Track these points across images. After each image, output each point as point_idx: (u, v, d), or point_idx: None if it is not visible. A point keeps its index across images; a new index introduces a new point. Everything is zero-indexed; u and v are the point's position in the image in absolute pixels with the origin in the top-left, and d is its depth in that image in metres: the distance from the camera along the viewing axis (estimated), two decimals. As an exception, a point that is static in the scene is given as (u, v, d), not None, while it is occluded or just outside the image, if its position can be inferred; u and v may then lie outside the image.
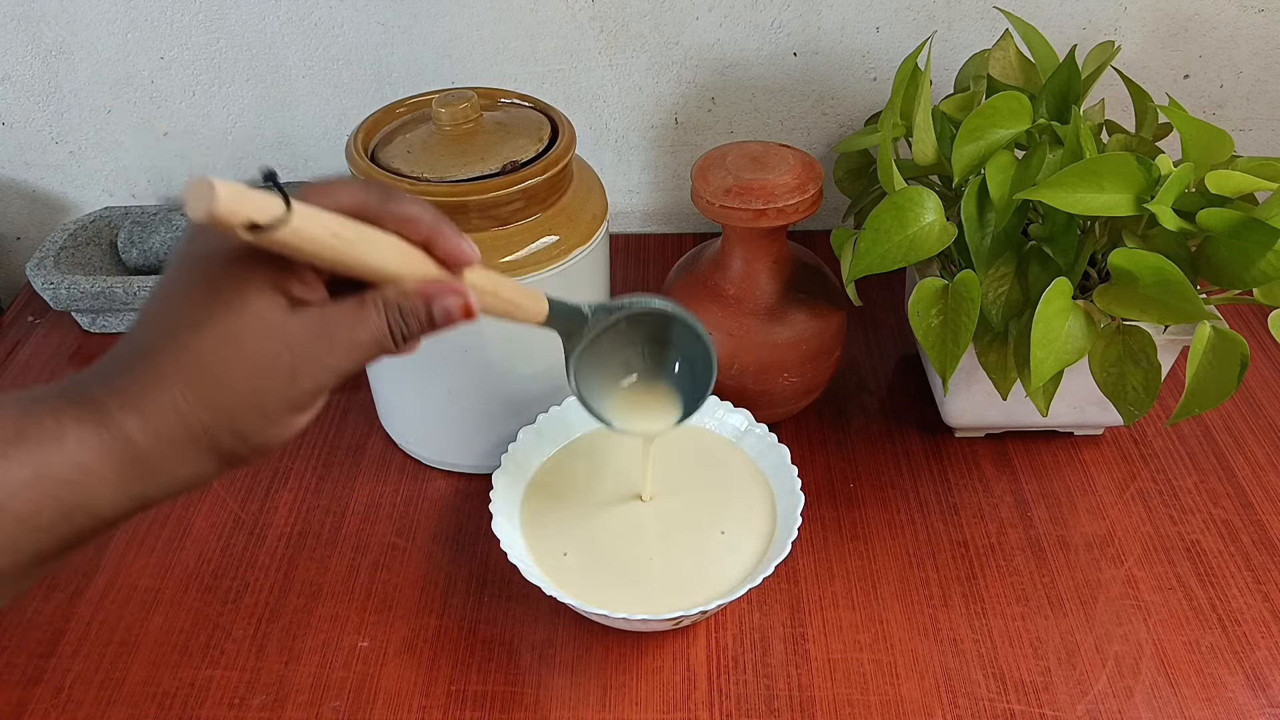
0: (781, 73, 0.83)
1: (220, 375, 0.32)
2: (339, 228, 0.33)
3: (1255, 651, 0.55)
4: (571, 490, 0.60)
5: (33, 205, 0.90)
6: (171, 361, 0.32)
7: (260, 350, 0.32)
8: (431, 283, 0.36)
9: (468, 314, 0.36)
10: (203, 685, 0.55)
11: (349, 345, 0.34)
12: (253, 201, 0.29)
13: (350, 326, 0.34)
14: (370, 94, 0.83)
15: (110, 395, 0.32)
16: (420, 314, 0.35)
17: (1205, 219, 0.52)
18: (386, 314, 0.35)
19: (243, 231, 0.29)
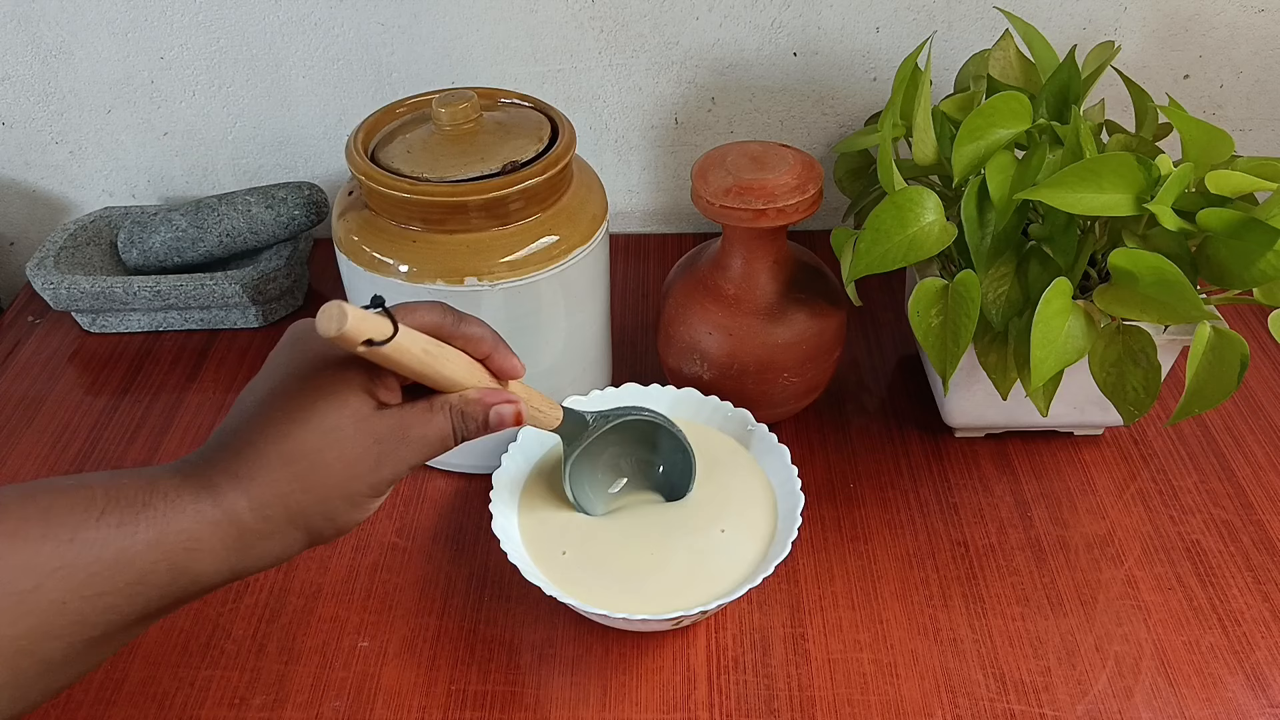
0: (781, 73, 0.83)
1: (319, 462, 0.37)
2: (429, 345, 0.39)
3: (1255, 651, 0.55)
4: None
5: (33, 205, 0.90)
6: (278, 451, 0.37)
7: (355, 443, 0.38)
8: (491, 391, 0.42)
9: (518, 421, 0.43)
10: (203, 685, 0.55)
11: (421, 442, 0.40)
12: (371, 323, 0.35)
13: (423, 425, 0.40)
14: (370, 94, 0.83)
15: (224, 478, 0.37)
16: (479, 418, 0.42)
17: (1205, 219, 0.52)
18: (452, 417, 0.41)
19: (359, 348, 0.35)
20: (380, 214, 0.58)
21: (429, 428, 0.40)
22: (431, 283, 0.56)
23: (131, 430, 0.71)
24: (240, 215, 0.77)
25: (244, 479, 0.37)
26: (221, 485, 0.37)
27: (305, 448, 0.37)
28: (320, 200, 0.78)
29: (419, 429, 0.40)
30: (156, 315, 0.79)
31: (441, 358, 0.40)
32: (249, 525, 0.37)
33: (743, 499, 0.59)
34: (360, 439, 0.38)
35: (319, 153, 0.87)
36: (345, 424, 0.38)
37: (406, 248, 0.57)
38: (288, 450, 0.37)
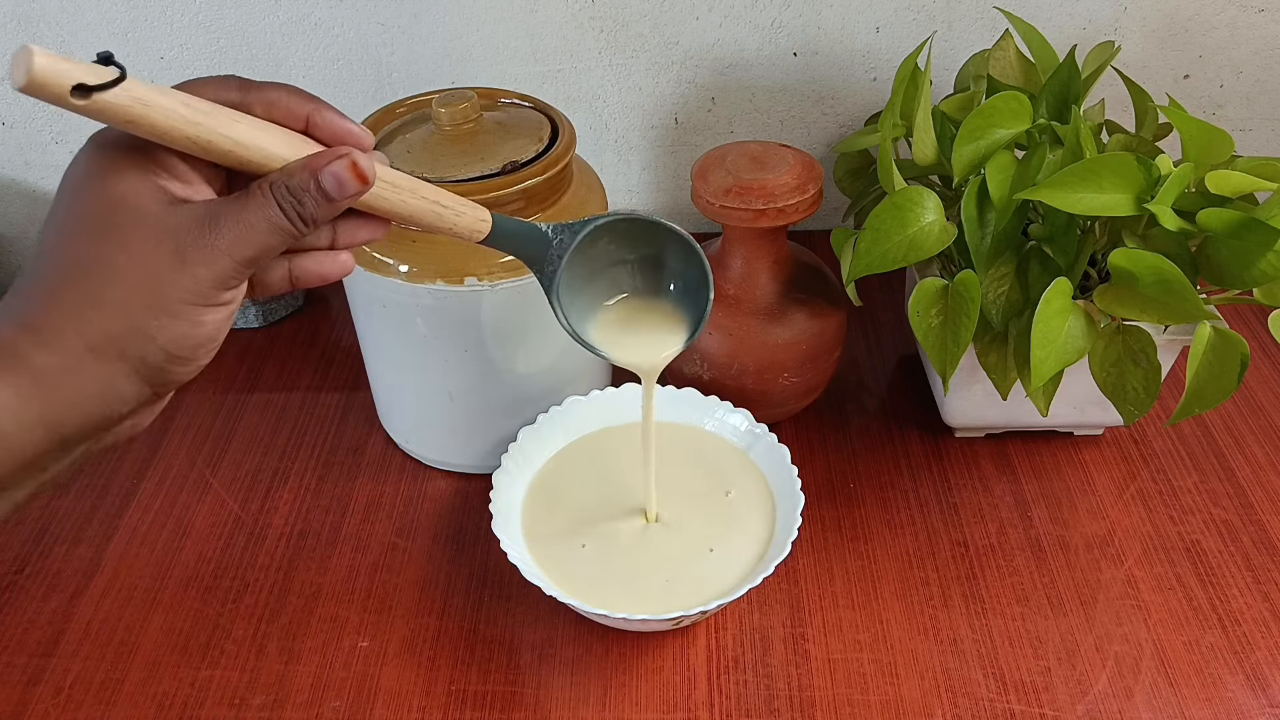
0: (781, 73, 0.83)
1: (103, 272, 0.31)
2: (192, 101, 0.32)
3: (1255, 651, 0.55)
4: (572, 490, 0.60)
5: (33, 205, 0.90)
6: (56, 270, 0.31)
7: (139, 238, 0.31)
8: (319, 152, 0.34)
9: (360, 178, 0.34)
10: (203, 685, 0.55)
11: (239, 227, 0.33)
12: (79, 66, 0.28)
13: (237, 210, 0.33)
14: (370, 94, 0.83)
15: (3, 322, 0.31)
16: (309, 186, 0.33)
17: (1205, 219, 0.52)
18: (273, 192, 0.33)
19: (73, 98, 0.28)
20: (380, 214, 0.58)
21: (245, 210, 0.33)
22: (431, 282, 0.56)
23: (131, 430, 0.71)
24: (240, 215, 0.77)
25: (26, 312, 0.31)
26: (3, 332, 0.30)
27: (84, 256, 0.31)
28: (320, 200, 0.78)
29: (233, 214, 0.33)
30: (156, 315, 0.79)
31: (222, 115, 0.32)
32: (44, 364, 0.30)
33: (742, 499, 0.59)
34: (148, 233, 0.31)
35: (319, 153, 0.87)
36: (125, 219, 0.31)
37: (406, 248, 0.57)
38: (65, 265, 0.31)
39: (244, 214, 0.33)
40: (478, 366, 0.61)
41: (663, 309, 0.51)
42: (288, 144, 0.34)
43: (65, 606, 0.59)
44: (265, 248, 0.33)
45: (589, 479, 0.61)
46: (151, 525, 0.64)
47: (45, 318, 0.30)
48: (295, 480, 0.67)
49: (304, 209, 0.33)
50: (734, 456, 0.62)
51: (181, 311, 0.32)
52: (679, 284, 0.50)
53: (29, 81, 0.27)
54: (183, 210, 0.32)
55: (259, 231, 0.33)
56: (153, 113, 0.30)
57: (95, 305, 0.31)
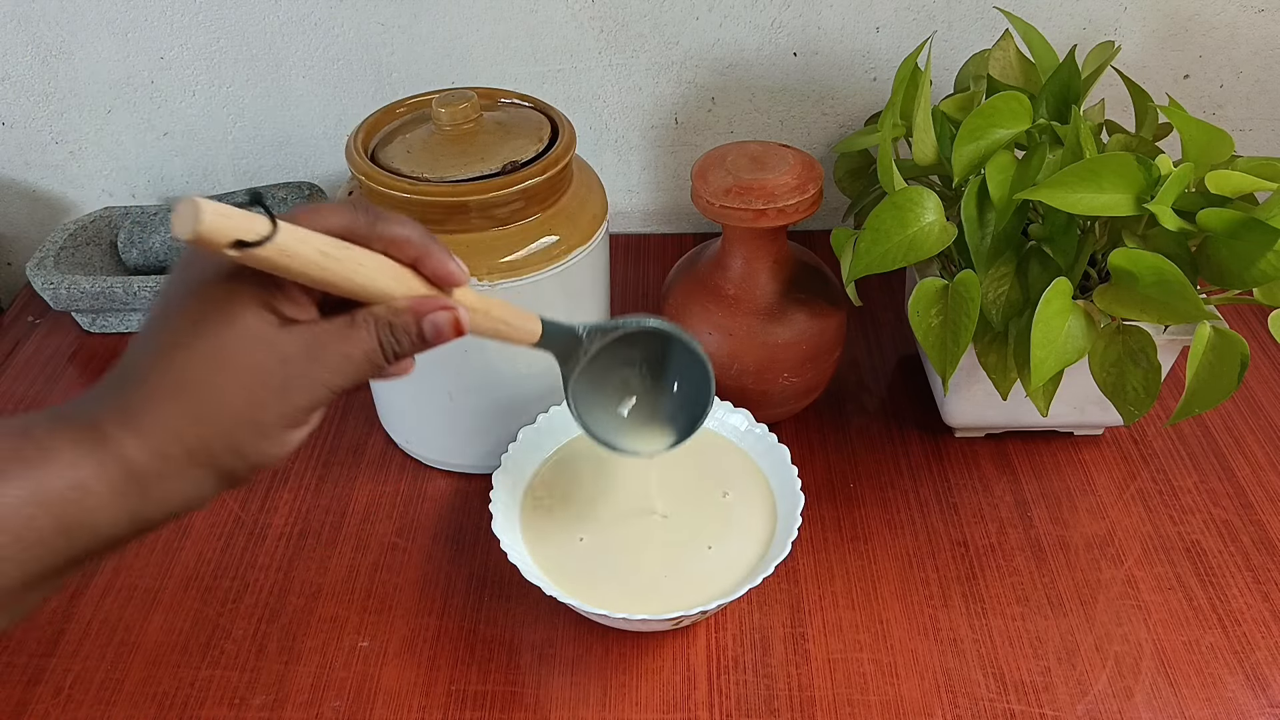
0: (781, 73, 0.83)
1: (212, 390, 0.33)
2: (326, 246, 0.34)
3: (1255, 651, 0.55)
4: (572, 490, 0.60)
5: (33, 205, 0.90)
6: (163, 378, 0.33)
7: (250, 364, 0.33)
8: (421, 299, 0.37)
9: (458, 330, 0.37)
10: (203, 685, 0.55)
11: (340, 360, 0.35)
12: (237, 220, 0.30)
13: (341, 341, 0.35)
14: (370, 94, 0.83)
15: (105, 413, 0.32)
16: (410, 330, 0.36)
17: (1205, 219, 0.52)
18: (377, 330, 0.36)
19: (229, 250, 0.30)
20: (380, 214, 0.58)
21: (348, 344, 0.35)
22: (431, 283, 0.56)
23: (131, 430, 0.71)
24: (240, 215, 0.77)
25: (129, 414, 0.32)
26: (105, 425, 0.32)
27: (194, 375, 0.33)
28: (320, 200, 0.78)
29: (336, 345, 0.35)
30: (156, 315, 0.79)
31: (350, 261, 0.34)
32: (142, 466, 0.32)
33: (743, 499, 0.59)
34: (259, 359, 0.33)
35: (319, 153, 0.87)
36: (238, 344, 0.33)
37: (406, 248, 0.57)
38: (176, 379, 0.33)
39: (346, 345, 0.35)
40: (478, 366, 0.61)
41: (664, 410, 0.55)
42: (398, 281, 0.37)
43: (65, 606, 0.59)
44: (358, 378, 0.36)
45: (589, 479, 0.61)
46: (151, 525, 0.64)
47: (150, 421, 0.32)
48: (295, 480, 0.67)
49: (400, 347, 0.36)
50: (734, 456, 0.62)
51: (274, 433, 0.34)
52: (683, 384, 0.54)
53: (195, 235, 0.29)
54: (289, 335, 0.34)
55: (356, 363, 0.35)
56: (293, 262, 0.33)
57: (199, 420, 0.33)
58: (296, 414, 0.34)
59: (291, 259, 0.32)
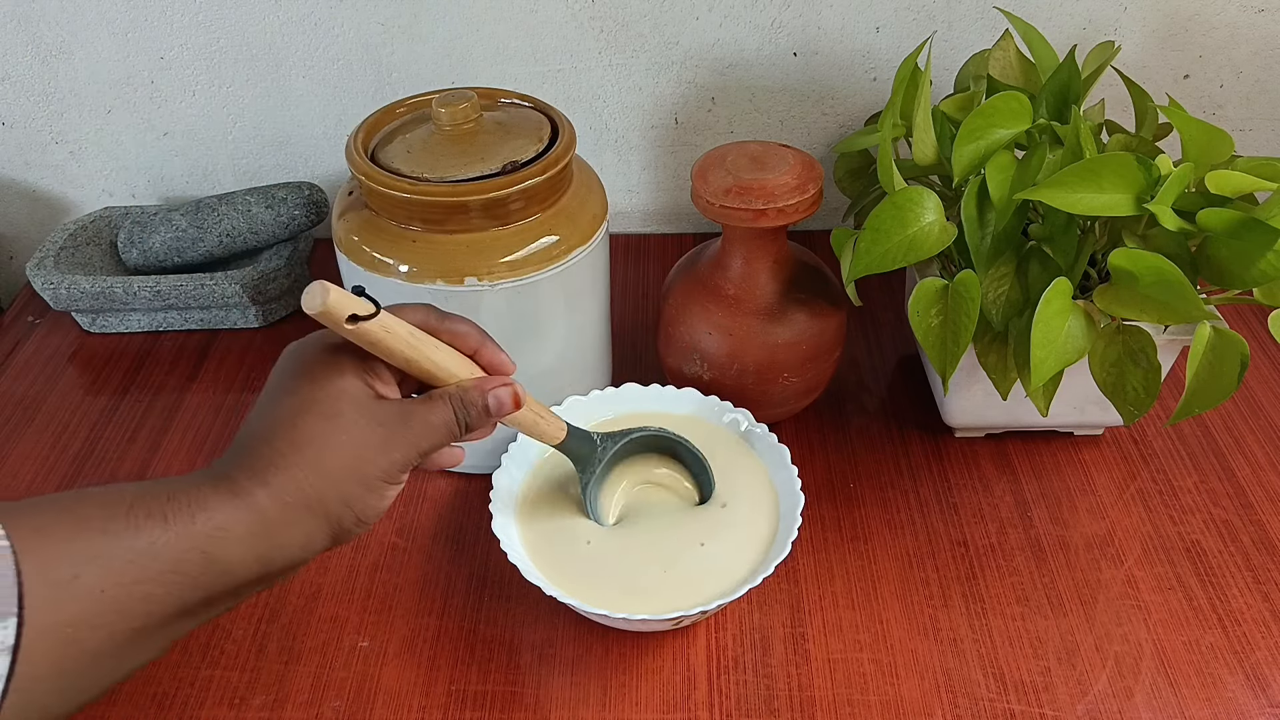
0: (781, 73, 0.83)
1: (326, 446, 0.39)
2: (414, 331, 0.42)
3: (1255, 651, 0.55)
4: (572, 489, 0.60)
5: (33, 205, 0.90)
6: (288, 440, 0.39)
7: (359, 426, 0.40)
8: (485, 378, 0.45)
9: (516, 404, 0.45)
10: (203, 685, 0.55)
11: (426, 426, 0.42)
12: (353, 301, 0.38)
13: (426, 412, 0.42)
14: (370, 94, 0.83)
15: (238, 470, 0.39)
16: (478, 403, 0.44)
17: (1205, 219, 0.52)
18: (452, 403, 0.43)
19: (345, 323, 0.38)
20: (380, 214, 0.58)
21: (432, 413, 0.42)
22: (431, 283, 0.56)
23: (131, 430, 0.71)
24: (240, 215, 0.77)
25: (260, 470, 0.39)
26: (239, 479, 0.38)
27: (312, 433, 0.39)
28: (320, 200, 0.78)
29: (422, 414, 0.42)
30: (156, 315, 0.79)
31: (429, 344, 0.42)
32: (269, 512, 0.38)
33: (743, 499, 0.59)
34: (363, 421, 0.40)
35: (319, 153, 0.87)
36: (347, 408, 0.40)
37: (406, 248, 0.57)
38: (296, 438, 0.39)
39: (430, 415, 0.42)
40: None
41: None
42: (463, 367, 0.45)
43: (65, 606, 0.59)
44: (438, 443, 0.42)
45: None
46: (151, 525, 0.64)
47: (275, 474, 0.38)
48: (295, 480, 0.67)
49: (470, 418, 0.43)
50: (734, 456, 0.62)
51: (375, 486, 0.40)
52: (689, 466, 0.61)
53: (324, 307, 0.37)
54: (387, 405, 0.42)
55: (437, 430, 0.42)
56: (390, 339, 0.40)
57: (316, 473, 0.39)
58: (393, 470, 0.41)
59: (390, 335, 0.40)
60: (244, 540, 0.38)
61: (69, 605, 0.34)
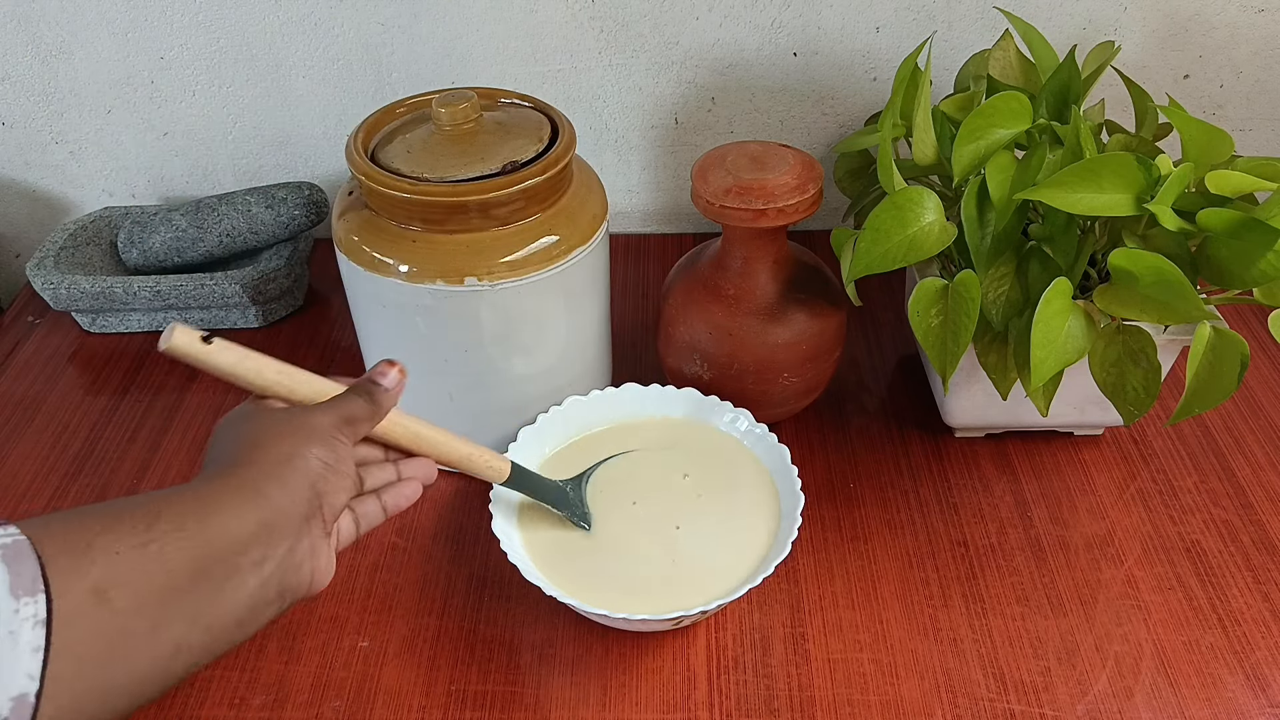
0: (781, 73, 0.83)
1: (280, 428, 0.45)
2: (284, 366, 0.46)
3: (1255, 651, 0.55)
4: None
5: (33, 205, 0.90)
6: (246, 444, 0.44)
7: (284, 414, 0.45)
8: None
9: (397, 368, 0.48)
10: (203, 685, 0.55)
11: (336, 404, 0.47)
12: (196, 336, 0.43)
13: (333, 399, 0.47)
14: (370, 94, 0.83)
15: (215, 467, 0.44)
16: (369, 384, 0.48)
17: (1205, 219, 0.52)
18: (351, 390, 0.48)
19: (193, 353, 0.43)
20: (380, 214, 0.58)
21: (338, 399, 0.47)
22: (431, 283, 0.56)
23: (131, 430, 0.71)
24: (240, 215, 0.77)
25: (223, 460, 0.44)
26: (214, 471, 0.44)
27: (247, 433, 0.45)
28: (320, 200, 0.78)
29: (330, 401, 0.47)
30: (156, 315, 0.79)
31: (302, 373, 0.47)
32: (246, 472, 0.42)
33: (743, 499, 0.59)
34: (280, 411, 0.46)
35: (319, 153, 0.87)
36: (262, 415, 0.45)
37: (406, 248, 0.57)
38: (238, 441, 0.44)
39: (338, 399, 0.47)
40: (478, 366, 0.61)
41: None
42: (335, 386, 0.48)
43: (65, 606, 0.59)
44: (356, 414, 0.46)
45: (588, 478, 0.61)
46: (151, 525, 0.64)
47: (240, 458, 0.43)
48: (295, 480, 0.67)
49: (372, 395, 0.47)
50: (734, 456, 0.62)
51: (321, 438, 0.45)
52: None
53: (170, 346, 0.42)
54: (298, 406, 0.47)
55: (353, 405, 0.47)
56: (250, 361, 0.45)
57: (269, 443, 0.44)
58: (329, 428, 0.45)
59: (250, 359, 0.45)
60: (233, 496, 0.41)
61: (90, 569, 0.36)
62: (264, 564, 0.41)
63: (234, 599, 0.40)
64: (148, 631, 0.37)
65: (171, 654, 0.38)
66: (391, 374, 0.48)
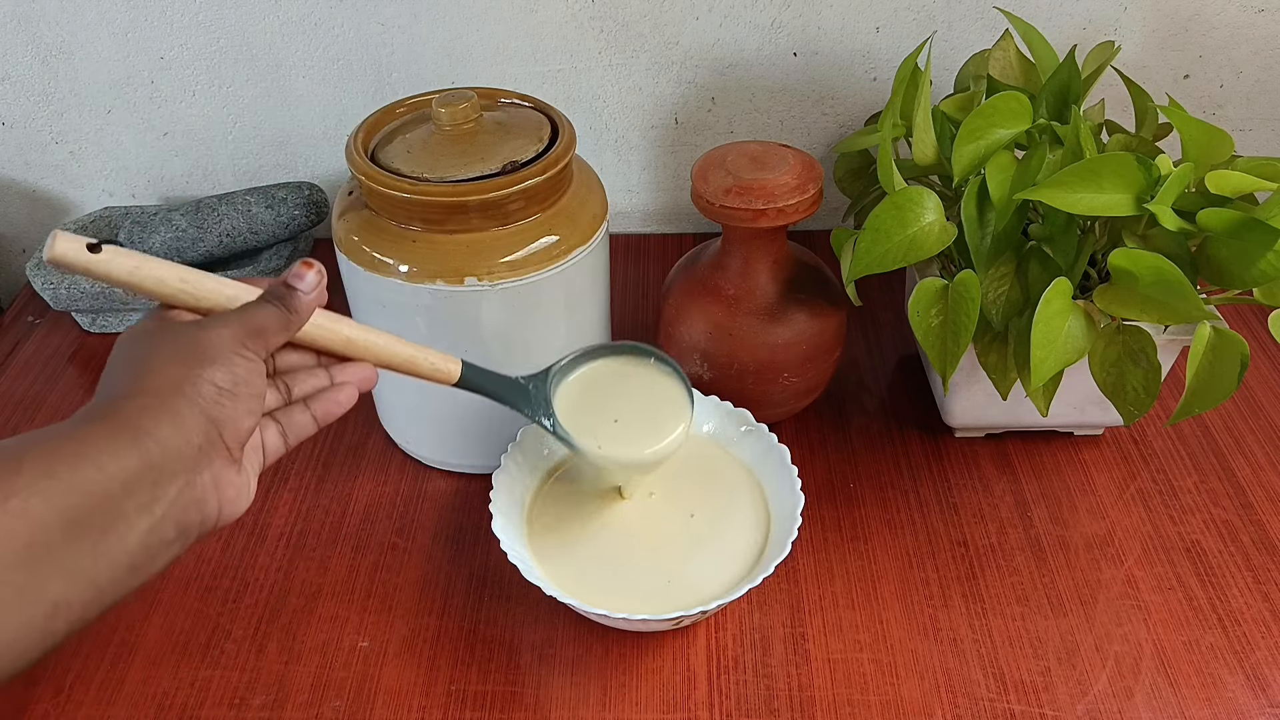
0: (781, 73, 0.83)
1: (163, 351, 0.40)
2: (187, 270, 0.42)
3: (1255, 651, 0.55)
4: (571, 489, 0.60)
5: (33, 205, 0.90)
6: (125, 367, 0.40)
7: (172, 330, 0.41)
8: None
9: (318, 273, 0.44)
10: (203, 685, 0.55)
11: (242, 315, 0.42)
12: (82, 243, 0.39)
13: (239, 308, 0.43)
14: (370, 94, 0.83)
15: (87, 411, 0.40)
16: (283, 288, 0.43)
17: (1205, 219, 0.52)
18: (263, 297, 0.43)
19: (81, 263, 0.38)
20: (380, 214, 0.58)
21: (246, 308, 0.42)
22: (431, 283, 0.56)
23: (131, 430, 0.71)
24: (240, 215, 0.77)
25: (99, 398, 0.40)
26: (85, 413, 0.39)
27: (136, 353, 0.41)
28: (320, 200, 0.78)
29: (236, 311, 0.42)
30: (156, 315, 0.79)
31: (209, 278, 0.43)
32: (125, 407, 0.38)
33: (743, 499, 0.59)
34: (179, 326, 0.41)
35: (319, 153, 0.87)
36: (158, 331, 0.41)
37: (406, 248, 0.57)
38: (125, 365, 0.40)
39: (245, 309, 0.42)
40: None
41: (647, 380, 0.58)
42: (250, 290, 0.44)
43: (65, 606, 0.59)
44: (266, 324, 0.42)
45: (588, 479, 0.61)
46: (151, 525, 0.64)
47: (122, 387, 0.39)
48: (295, 480, 0.67)
49: (286, 301, 0.43)
50: (734, 456, 0.62)
51: (217, 357, 0.40)
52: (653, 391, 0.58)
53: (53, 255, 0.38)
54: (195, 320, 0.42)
55: (260, 314, 0.42)
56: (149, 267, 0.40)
57: (155, 367, 0.40)
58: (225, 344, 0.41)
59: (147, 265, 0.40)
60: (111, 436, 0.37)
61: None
62: (153, 506, 0.37)
63: (121, 547, 0.37)
64: (15, 595, 0.34)
65: (49, 614, 0.35)
66: (309, 276, 0.43)
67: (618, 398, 0.57)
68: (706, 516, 0.58)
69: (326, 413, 0.46)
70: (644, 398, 0.57)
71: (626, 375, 0.58)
